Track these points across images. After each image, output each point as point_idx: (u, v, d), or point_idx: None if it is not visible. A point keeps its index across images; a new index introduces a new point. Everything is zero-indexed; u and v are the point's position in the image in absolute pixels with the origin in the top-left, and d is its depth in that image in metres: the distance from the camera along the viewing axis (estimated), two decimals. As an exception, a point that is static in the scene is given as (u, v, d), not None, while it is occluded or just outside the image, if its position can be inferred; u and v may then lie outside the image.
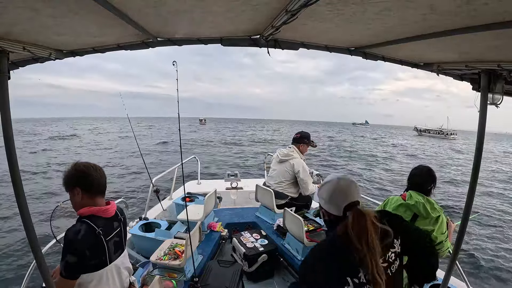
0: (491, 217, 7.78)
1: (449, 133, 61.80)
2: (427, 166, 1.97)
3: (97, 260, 1.24)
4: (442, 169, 16.42)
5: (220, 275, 2.07)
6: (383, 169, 15.83)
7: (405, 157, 22.35)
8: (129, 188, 9.99)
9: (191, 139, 28.92)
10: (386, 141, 40.91)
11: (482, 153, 1.40)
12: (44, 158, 16.36)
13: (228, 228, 3.12)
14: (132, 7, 0.90)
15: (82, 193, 1.28)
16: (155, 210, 3.50)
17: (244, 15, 1.02)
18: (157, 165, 12.45)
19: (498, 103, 1.38)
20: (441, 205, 1.94)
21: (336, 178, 1.08)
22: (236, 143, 27.55)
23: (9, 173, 0.98)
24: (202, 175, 4.80)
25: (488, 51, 1.17)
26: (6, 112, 0.96)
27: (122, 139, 26.88)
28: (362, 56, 1.51)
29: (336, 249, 0.99)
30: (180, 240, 2.37)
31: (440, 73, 1.61)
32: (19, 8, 0.79)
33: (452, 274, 1.67)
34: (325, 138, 41.42)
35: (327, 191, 1.07)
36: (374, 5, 0.83)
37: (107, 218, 1.32)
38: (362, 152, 23.84)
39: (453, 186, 12.01)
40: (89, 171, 1.30)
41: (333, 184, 1.07)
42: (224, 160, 16.08)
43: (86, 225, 1.22)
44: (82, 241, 1.18)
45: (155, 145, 22.76)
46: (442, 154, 27.14)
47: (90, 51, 1.38)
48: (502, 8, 0.73)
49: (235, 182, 4.24)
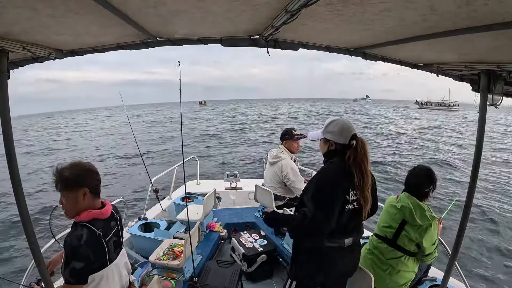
0: (491, 216, 7.79)
1: (451, 104, 60.68)
2: (426, 167, 1.82)
3: (100, 262, 1.23)
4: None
5: (219, 275, 2.07)
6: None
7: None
8: (128, 188, 9.97)
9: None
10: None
11: (482, 153, 1.40)
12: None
13: (227, 228, 3.12)
14: (132, 7, 0.90)
15: (89, 194, 1.23)
16: (154, 210, 3.49)
17: (244, 15, 1.02)
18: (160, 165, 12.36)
19: (497, 104, 1.38)
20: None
21: (340, 117, 1.47)
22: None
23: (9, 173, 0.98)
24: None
25: (487, 52, 1.18)
26: (5, 112, 0.96)
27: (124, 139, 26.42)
28: (362, 56, 1.51)
29: (344, 170, 1.36)
30: (179, 240, 2.37)
31: (440, 73, 1.61)
32: (19, 8, 0.79)
33: (451, 275, 1.67)
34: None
35: (336, 125, 1.43)
36: (373, 5, 0.83)
37: (105, 219, 1.30)
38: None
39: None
40: (94, 170, 1.28)
41: (340, 120, 1.45)
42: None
43: (87, 229, 1.19)
44: (86, 246, 1.15)
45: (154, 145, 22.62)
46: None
47: (90, 51, 1.37)
48: (502, 9, 0.73)
49: (234, 182, 4.23)
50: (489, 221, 7.27)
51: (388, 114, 44.53)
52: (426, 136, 20.68)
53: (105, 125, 38.05)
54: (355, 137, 1.40)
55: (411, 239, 1.70)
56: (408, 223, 1.70)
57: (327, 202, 1.32)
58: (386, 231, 1.80)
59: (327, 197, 1.32)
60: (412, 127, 26.74)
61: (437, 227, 1.72)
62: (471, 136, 18.95)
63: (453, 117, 34.18)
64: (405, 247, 1.73)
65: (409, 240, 1.71)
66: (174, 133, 22.55)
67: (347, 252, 1.44)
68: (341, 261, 1.44)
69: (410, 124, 29.95)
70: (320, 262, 1.43)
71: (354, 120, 30.50)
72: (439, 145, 17.16)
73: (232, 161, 13.34)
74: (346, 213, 1.35)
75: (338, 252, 1.41)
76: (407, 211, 1.69)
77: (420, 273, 1.97)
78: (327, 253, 1.40)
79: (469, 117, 35.73)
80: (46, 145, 21.74)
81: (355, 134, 1.41)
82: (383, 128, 25.38)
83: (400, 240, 1.73)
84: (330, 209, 1.31)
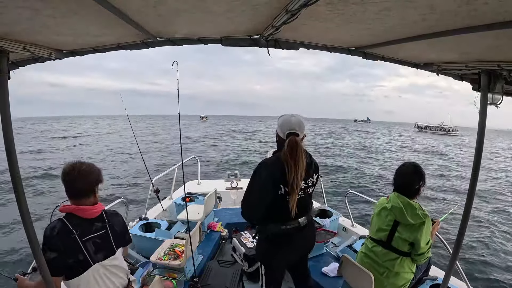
0: (491, 216, 7.78)
1: (450, 129, 60.57)
2: (414, 163, 1.78)
3: (74, 259, 1.27)
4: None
5: (220, 275, 2.07)
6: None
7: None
8: (129, 188, 9.99)
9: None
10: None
11: (482, 153, 1.39)
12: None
13: (228, 228, 3.12)
14: (132, 7, 0.90)
15: (70, 195, 1.33)
16: (155, 210, 3.50)
17: (244, 15, 1.02)
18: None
19: (498, 103, 1.37)
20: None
21: (290, 114, 1.56)
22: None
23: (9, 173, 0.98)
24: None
25: (488, 51, 1.17)
26: (6, 112, 0.96)
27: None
28: (362, 56, 1.51)
29: (279, 162, 1.46)
30: (180, 240, 2.37)
31: (440, 73, 1.60)
32: (19, 8, 0.79)
33: (452, 274, 1.67)
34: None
35: (281, 120, 1.56)
36: (374, 5, 0.83)
37: (87, 218, 1.33)
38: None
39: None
40: (68, 171, 1.32)
41: (286, 117, 1.55)
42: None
43: (61, 222, 1.28)
44: (57, 237, 1.24)
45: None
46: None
47: (90, 51, 1.37)
48: (502, 8, 0.73)
49: (235, 182, 4.24)
50: (490, 221, 7.27)
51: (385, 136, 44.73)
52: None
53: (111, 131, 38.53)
54: (290, 135, 1.50)
55: (405, 239, 1.67)
56: (401, 224, 1.68)
57: (255, 191, 1.48)
58: (380, 235, 1.78)
59: (256, 185, 1.47)
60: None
61: (431, 226, 1.70)
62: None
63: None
64: (400, 248, 1.71)
65: (403, 240, 1.68)
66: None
67: (305, 229, 1.60)
68: (300, 239, 1.60)
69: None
70: (279, 245, 1.57)
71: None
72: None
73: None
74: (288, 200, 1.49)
75: (296, 231, 1.55)
76: (398, 211, 1.67)
77: (420, 272, 1.97)
78: (285, 235, 1.54)
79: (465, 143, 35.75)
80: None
81: (293, 132, 1.50)
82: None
83: (395, 242, 1.71)
84: (260, 196, 1.46)
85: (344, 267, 1.85)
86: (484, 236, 6.39)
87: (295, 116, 1.56)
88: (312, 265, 2.29)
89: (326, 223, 2.78)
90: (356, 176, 12.78)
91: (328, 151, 22.33)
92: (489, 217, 7.74)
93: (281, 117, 1.58)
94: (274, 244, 1.57)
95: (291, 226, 1.53)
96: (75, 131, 41.10)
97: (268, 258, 1.63)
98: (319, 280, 2.23)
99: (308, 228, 1.63)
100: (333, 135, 41.98)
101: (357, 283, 1.72)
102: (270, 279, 1.65)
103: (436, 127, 65.71)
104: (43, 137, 31.04)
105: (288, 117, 1.55)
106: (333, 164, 15.82)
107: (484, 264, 5.19)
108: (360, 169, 14.33)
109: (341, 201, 5.72)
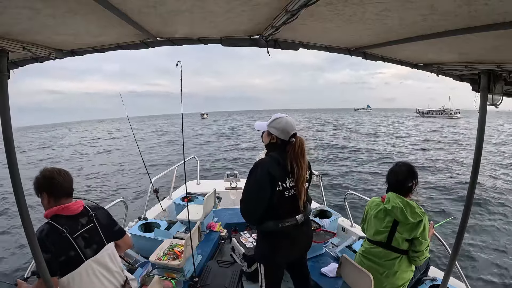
0: (490, 216, 7.78)
1: (452, 112, 60.49)
2: (407, 163, 1.83)
3: (66, 256, 1.31)
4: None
5: (220, 275, 2.07)
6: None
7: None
8: (129, 188, 9.98)
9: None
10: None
11: (481, 153, 1.39)
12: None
13: (228, 228, 3.12)
14: (132, 7, 0.90)
15: (48, 197, 1.38)
16: (154, 210, 3.50)
17: (244, 15, 1.02)
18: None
19: (497, 104, 1.37)
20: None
21: (285, 116, 1.62)
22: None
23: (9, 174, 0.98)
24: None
25: (488, 52, 1.17)
26: (6, 112, 0.96)
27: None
28: (362, 56, 1.51)
29: (278, 162, 1.53)
30: (179, 240, 2.37)
31: (440, 73, 1.61)
32: (19, 8, 0.79)
33: (451, 275, 1.67)
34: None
35: (280, 123, 1.59)
36: (374, 5, 0.83)
37: (71, 216, 1.39)
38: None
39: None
40: (53, 175, 1.38)
41: (284, 119, 1.60)
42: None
43: (49, 225, 1.33)
44: (46, 238, 1.28)
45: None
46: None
47: (90, 51, 1.37)
48: (503, 9, 0.73)
49: (234, 182, 4.23)
50: (490, 221, 7.27)
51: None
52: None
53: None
54: (295, 136, 1.59)
55: (405, 237, 1.69)
56: (400, 223, 1.70)
57: (253, 189, 1.52)
58: (378, 237, 1.79)
59: (254, 183, 1.51)
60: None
61: (428, 224, 1.74)
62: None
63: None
64: (400, 247, 1.72)
65: (403, 239, 1.70)
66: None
67: (302, 226, 1.64)
68: (298, 236, 1.64)
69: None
70: (278, 243, 1.59)
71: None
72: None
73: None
74: (288, 198, 1.55)
75: (294, 229, 1.59)
76: (398, 211, 1.68)
77: (419, 273, 1.97)
78: (283, 232, 1.57)
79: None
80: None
81: (296, 133, 1.60)
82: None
83: (395, 241, 1.72)
84: (258, 194, 1.51)
85: (343, 267, 1.85)
86: (484, 236, 6.39)
87: (286, 118, 1.62)
88: (311, 265, 2.29)
89: (326, 223, 2.78)
90: (355, 178, 12.78)
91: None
92: (489, 217, 7.74)
93: (275, 120, 1.61)
94: (273, 241, 1.60)
95: (289, 223, 1.56)
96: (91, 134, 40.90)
97: (268, 256, 1.64)
98: (318, 280, 2.22)
99: (305, 225, 1.67)
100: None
101: (356, 283, 1.72)
102: (269, 279, 1.65)
103: (438, 111, 65.14)
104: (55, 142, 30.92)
105: (286, 119, 1.60)
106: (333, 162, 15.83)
107: (483, 264, 5.19)
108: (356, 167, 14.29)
109: (341, 202, 5.72)
